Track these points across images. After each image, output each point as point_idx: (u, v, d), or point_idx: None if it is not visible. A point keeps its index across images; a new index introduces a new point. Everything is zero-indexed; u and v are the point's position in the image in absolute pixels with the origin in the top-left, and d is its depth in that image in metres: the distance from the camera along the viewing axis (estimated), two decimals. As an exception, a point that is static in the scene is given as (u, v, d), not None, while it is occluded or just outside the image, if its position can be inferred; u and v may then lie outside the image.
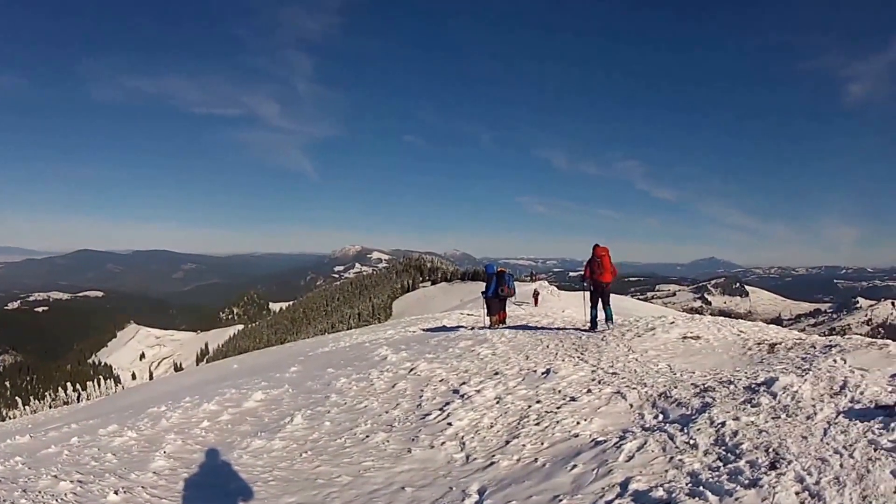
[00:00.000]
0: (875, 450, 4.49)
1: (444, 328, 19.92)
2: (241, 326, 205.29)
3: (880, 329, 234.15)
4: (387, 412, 8.68)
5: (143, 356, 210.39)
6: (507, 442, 6.64)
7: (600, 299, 14.39)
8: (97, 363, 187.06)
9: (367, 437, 7.58)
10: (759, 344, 11.13)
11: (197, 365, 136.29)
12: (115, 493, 5.96)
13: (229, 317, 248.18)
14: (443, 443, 6.95)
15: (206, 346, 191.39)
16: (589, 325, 14.79)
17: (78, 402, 77.21)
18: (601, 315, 14.43)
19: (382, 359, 13.26)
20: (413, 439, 7.23)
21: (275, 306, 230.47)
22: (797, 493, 4.08)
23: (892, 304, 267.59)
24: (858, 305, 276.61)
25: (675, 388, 7.88)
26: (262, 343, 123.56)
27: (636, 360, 10.33)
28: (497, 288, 17.71)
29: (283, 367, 15.16)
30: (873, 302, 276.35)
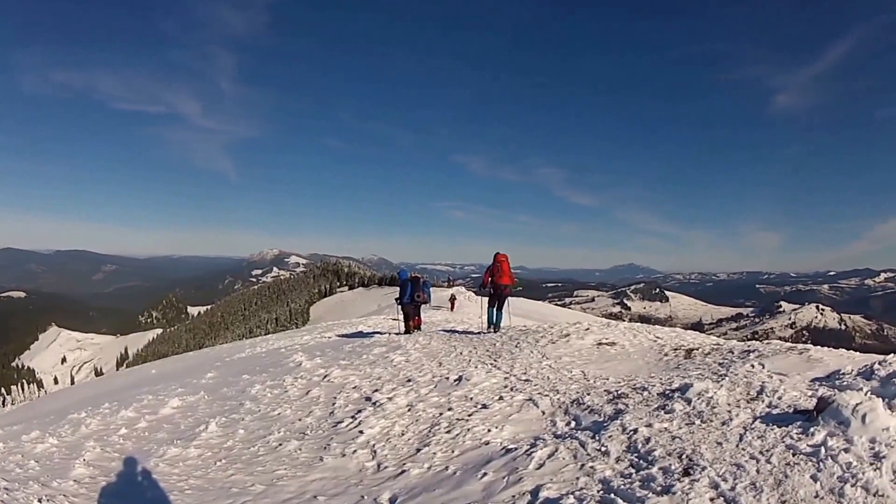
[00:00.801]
0: (794, 455, 4.76)
1: (359, 334, 21.10)
2: (160, 330, 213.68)
3: (805, 332, 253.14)
4: (300, 420, 9.14)
5: (64, 360, 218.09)
6: (418, 450, 6.99)
7: (497, 302, 16.71)
8: (20, 367, 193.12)
9: (280, 445, 7.96)
10: (675, 350, 11.75)
11: (117, 370, 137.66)
12: (39, 500, 6.06)
13: (149, 320, 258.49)
14: (354, 451, 7.29)
15: (126, 350, 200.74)
16: (487, 326, 17.01)
17: (3, 406, 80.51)
18: (502, 317, 16.97)
19: (297, 365, 13.98)
20: (325, 447, 7.61)
21: (193, 310, 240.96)
22: (711, 500, 4.32)
23: (817, 307, 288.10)
24: (782, 309, 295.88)
25: (588, 394, 8.31)
26: (180, 348, 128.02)
27: (550, 366, 10.92)
28: (412, 294, 18.61)
29: (200, 373, 15.66)
30: (797, 306, 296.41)
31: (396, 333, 19.46)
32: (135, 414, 10.67)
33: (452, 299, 48.68)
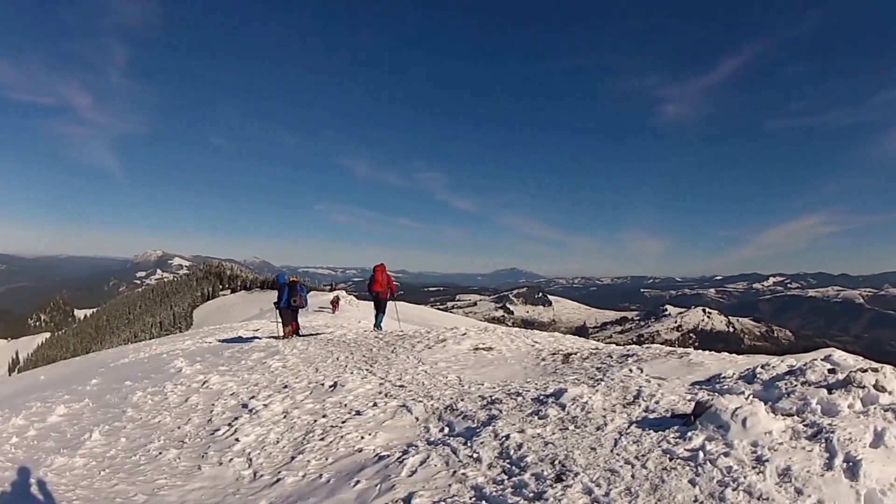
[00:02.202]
0: (671, 459, 5.28)
1: (239, 339, 22.25)
2: (48, 334, 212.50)
3: (692, 335, 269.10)
4: (179, 427, 9.64)
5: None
6: (293, 458, 7.57)
7: (377, 307, 21.32)
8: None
9: (161, 453, 8.39)
10: (553, 354, 12.60)
11: (10, 375, 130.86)
12: (-65, 514, 6.25)
13: (37, 323, 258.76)
14: (231, 459, 7.83)
15: (17, 354, 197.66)
16: (374, 325, 21.50)
17: None
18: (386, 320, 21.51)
19: (178, 371, 14.52)
20: (203, 456, 8.09)
21: (80, 313, 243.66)
22: (585, 505, 4.80)
23: (704, 310, 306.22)
24: (667, 313, 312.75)
25: (462, 400, 8.95)
26: (68, 352, 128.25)
27: (425, 372, 11.75)
28: (289, 298, 20.25)
29: (85, 379, 15.96)
30: (683, 309, 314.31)
31: (275, 338, 20.45)
32: (24, 422, 11.03)
33: (335, 301, 51.63)
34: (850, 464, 4.73)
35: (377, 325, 21.66)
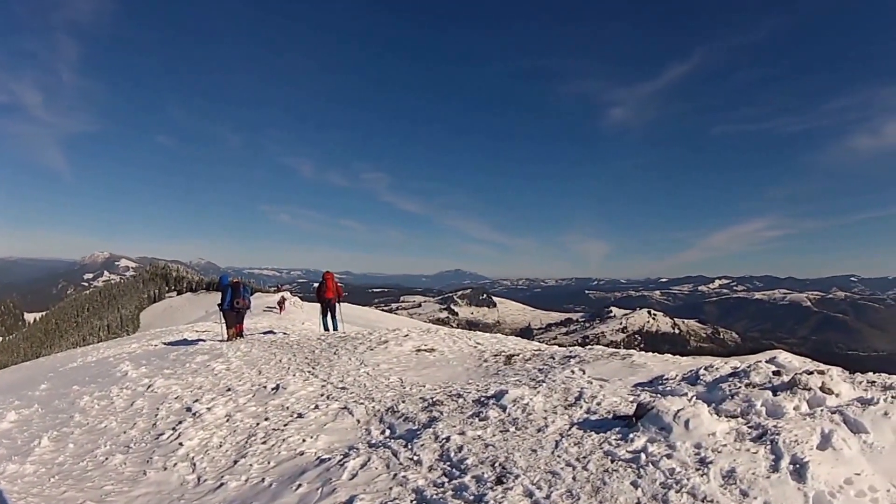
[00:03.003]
0: (612, 461, 5.32)
1: (184, 342, 22.13)
2: None
3: (638, 336, 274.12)
4: (125, 432, 9.66)
5: None
6: (236, 462, 7.66)
7: (329, 311, 22.55)
8: None
9: (107, 459, 8.43)
10: (495, 356, 12.71)
11: None
12: None
13: None
14: (175, 464, 7.88)
15: None
16: (323, 330, 22.29)
17: None
18: (336, 324, 22.74)
19: (124, 375, 14.49)
20: (148, 461, 8.15)
21: (30, 316, 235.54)
22: (525, 508, 4.82)
23: (649, 312, 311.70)
24: (612, 314, 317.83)
25: (404, 402, 9.02)
26: (19, 357, 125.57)
27: (367, 374, 11.88)
28: (232, 300, 20.42)
29: (35, 385, 15.84)
30: (628, 311, 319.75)
31: (220, 340, 20.66)
32: (-23, 429, 10.92)
33: (281, 302, 52.98)
34: (797, 466, 4.80)
35: (334, 328, 22.58)
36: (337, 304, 23.08)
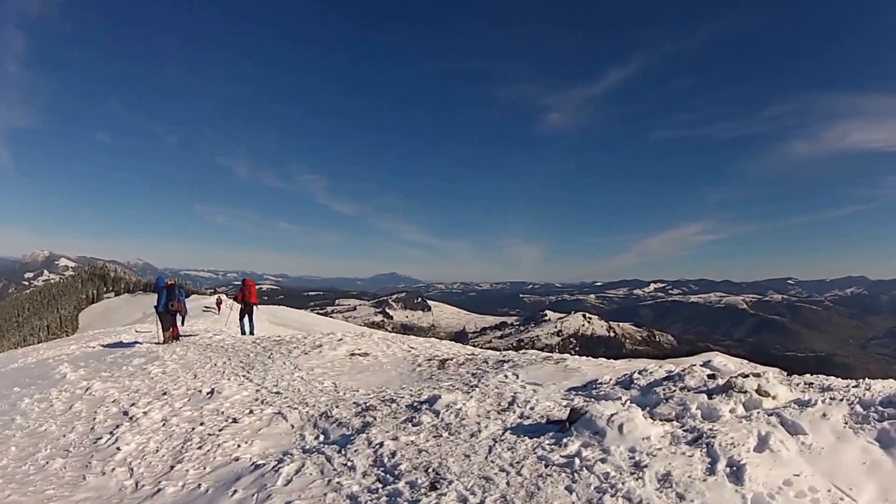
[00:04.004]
0: (546, 466, 5.39)
1: (121, 344, 21.65)
2: None
3: (573, 339, 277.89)
4: (64, 436, 9.62)
5: None
6: (172, 467, 7.66)
7: (248, 315, 23.59)
8: None
9: (48, 463, 8.42)
10: (429, 360, 12.81)
11: None
12: None
13: None
14: (113, 469, 7.88)
15: None
16: (242, 333, 23.10)
17: None
18: (249, 327, 23.70)
19: (62, 377, 14.36)
20: (87, 465, 8.13)
21: None
22: (460, 514, 4.87)
23: (584, 315, 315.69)
24: (547, 318, 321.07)
25: (337, 407, 9.06)
26: None
27: (301, 378, 11.91)
28: (167, 302, 20.27)
29: None
30: (563, 315, 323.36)
31: (156, 343, 20.64)
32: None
33: (219, 302, 54.68)
34: (734, 468, 4.90)
35: (251, 331, 23.68)
36: (255, 309, 24.49)
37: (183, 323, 21.54)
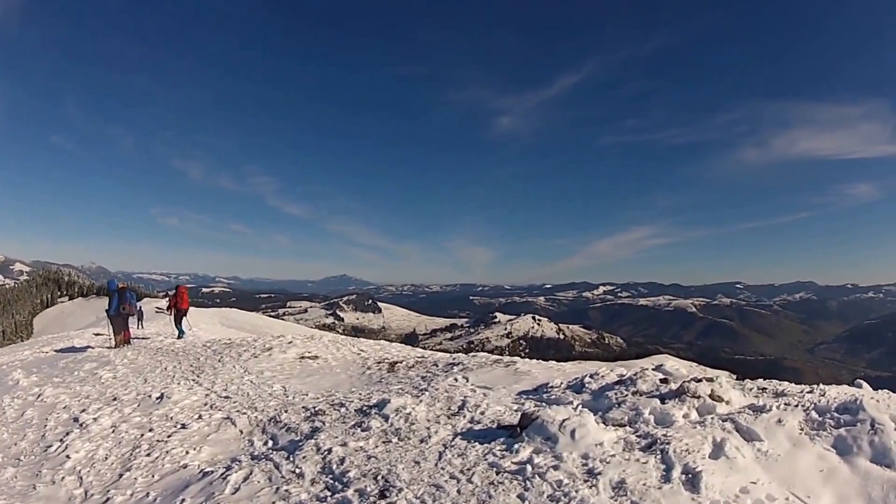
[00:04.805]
0: (497, 473, 5.32)
1: (73, 349, 21.76)
2: None
3: (523, 341, 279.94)
4: (15, 444, 9.46)
5: None
6: (121, 475, 7.52)
7: (181, 318, 23.88)
8: None
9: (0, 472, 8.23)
10: (379, 363, 12.78)
11: None
12: None
13: None
14: (63, 478, 7.70)
15: None
16: (178, 336, 23.22)
17: None
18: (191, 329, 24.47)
19: (15, 383, 14.09)
20: (37, 474, 7.98)
21: None
22: (410, 523, 4.77)
23: (533, 317, 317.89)
24: (497, 320, 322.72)
25: (286, 411, 8.97)
26: None
27: (251, 382, 11.85)
28: (119, 305, 20.27)
29: None
30: (512, 316, 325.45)
31: (108, 347, 20.67)
32: None
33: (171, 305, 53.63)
34: (690, 475, 4.88)
35: (182, 334, 23.85)
36: (187, 314, 25.20)
37: (141, 326, 22.89)
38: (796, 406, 6.05)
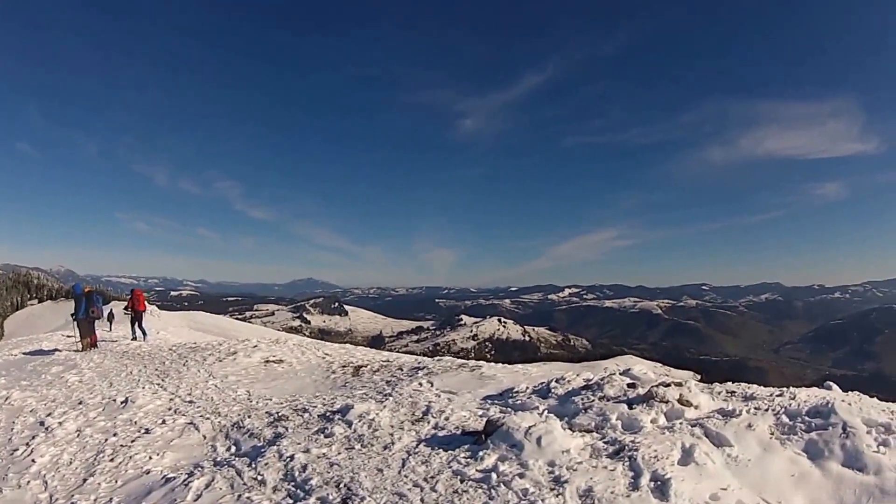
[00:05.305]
0: (462, 481, 5.23)
1: (41, 352, 21.22)
2: None
3: (488, 343, 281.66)
4: None
5: None
6: (85, 480, 7.40)
7: (138, 321, 24.62)
8: None
9: None
10: (344, 367, 12.73)
11: None
12: None
13: None
14: (28, 482, 7.59)
15: None
16: (133, 338, 24.23)
17: None
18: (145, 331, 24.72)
19: None
20: (3, 478, 7.84)
21: None
22: (370, 533, 4.68)
23: (499, 320, 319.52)
24: (463, 322, 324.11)
25: (250, 417, 8.87)
26: None
27: (215, 386, 11.75)
28: (87, 309, 20.42)
29: None
30: (478, 319, 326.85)
31: (75, 351, 20.48)
32: None
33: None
34: (659, 483, 4.81)
35: (143, 336, 24.54)
36: (143, 316, 25.80)
37: (111, 328, 23.47)
38: (766, 410, 6.04)
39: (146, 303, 27.38)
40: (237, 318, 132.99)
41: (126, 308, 25.30)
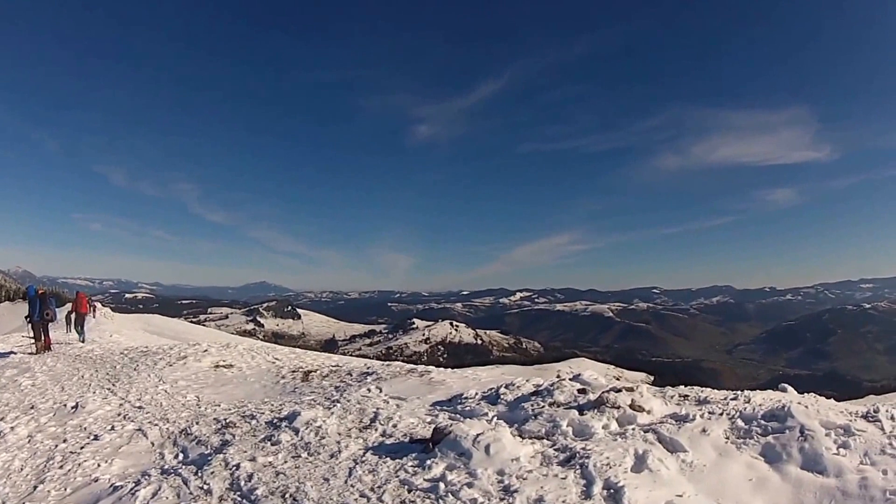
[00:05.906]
0: (409, 491, 5.16)
1: None
2: None
3: (441, 346, 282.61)
4: None
5: None
6: (35, 487, 7.32)
7: (80, 322, 25.94)
8: None
9: None
10: (293, 372, 12.61)
11: None
12: None
13: None
14: None
15: None
16: (80, 338, 25.19)
17: None
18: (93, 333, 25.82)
19: None
20: None
21: None
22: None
23: (451, 323, 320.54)
24: (415, 326, 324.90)
25: (197, 423, 8.75)
26: None
27: (165, 391, 11.62)
28: (42, 311, 20.22)
29: None
30: (430, 322, 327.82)
31: (29, 354, 20.30)
32: None
33: (94, 308, 52.33)
34: (612, 491, 4.76)
35: (83, 337, 25.63)
36: (86, 317, 27.18)
37: (68, 330, 24.35)
38: (721, 414, 6.05)
39: (88, 305, 27.82)
40: (192, 321, 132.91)
41: (70, 312, 26.06)
